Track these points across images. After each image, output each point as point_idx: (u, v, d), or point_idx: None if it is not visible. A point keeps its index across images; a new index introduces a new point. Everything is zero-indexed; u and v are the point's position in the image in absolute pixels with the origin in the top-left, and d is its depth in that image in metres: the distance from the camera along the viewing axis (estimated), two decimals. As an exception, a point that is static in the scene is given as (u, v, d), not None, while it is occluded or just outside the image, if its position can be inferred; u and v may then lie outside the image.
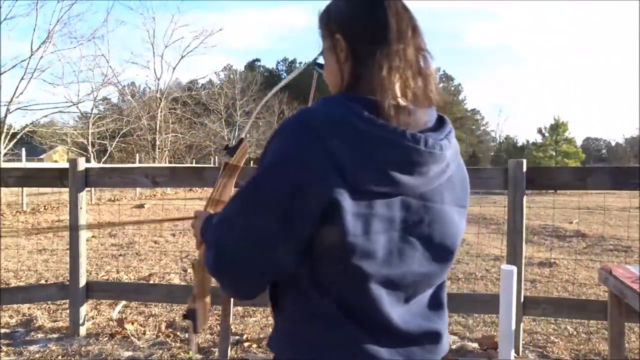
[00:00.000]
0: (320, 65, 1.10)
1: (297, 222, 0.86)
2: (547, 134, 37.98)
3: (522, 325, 3.47)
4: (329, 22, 1.01)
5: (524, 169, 3.34)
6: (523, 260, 3.43)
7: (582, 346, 3.56)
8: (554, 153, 36.08)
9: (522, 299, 3.36)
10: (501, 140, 62.46)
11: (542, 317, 3.86)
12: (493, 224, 10.18)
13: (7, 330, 3.82)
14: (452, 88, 59.91)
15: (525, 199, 3.37)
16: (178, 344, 3.54)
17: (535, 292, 4.95)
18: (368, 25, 0.95)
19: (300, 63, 72.56)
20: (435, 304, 1.01)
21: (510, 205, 3.39)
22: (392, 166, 0.86)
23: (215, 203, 1.28)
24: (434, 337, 0.98)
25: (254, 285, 0.95)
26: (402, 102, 0.91)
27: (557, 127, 36.74)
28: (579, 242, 8.25)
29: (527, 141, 47.59)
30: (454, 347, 3.49)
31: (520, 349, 3.40)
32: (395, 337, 0.93)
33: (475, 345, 3.52)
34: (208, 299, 1.27)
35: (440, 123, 0.98)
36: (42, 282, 5.28)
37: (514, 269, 2.35)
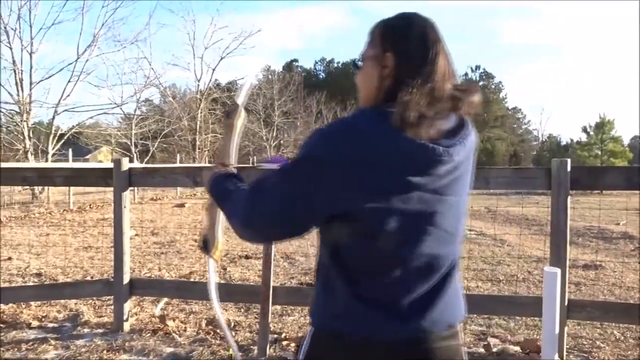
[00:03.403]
0: (356, 66, 1.18)
1: (318, 206, 1.04)
2: (592, 133, 36.77)
3: (566, 329, 3.38)
4: (384, 38, 1.12)
5: (568, 169, 3.25)
6: (567, 263, 3.33)
7: (629, 352, 3.43)
8: (599, 152, 34.92)
9: (566, 302, 3.27)
10: (544, 139, 60.78)
11: (588, 321, 3.75)
12: (535, 225, 9.94)
13: (55, 325, 3.97)
14: (492, 86, 58.75)
15: (569, 199, 3.27)
16: (218, 341, 3.60)
17: (580, 295, 4.81)
18: (420, 62, 1.07)
19: (338, 63, 72.27)
20: (444, 283, 1.13)
21: (553, 205, 3.30)
22: (409, 172, 1.02)
23: (219, 161, 1.52)
24: (439, 312, 1.10)
25: (272, 237, 1.27)
26: (428, 113, 1.02)
27: (602, 126, 35.53)
28: (626, 244, 7.96)
29: (571, 140, 46.16)
30: (494, 350, 3.42)
31: (564, 353, 3.31)
32: (402, 312, 1.06)
33: (517, 348, 3.44)
34: (217, 228, 1.53)
35: (460, 126, 1.11)
36: (88, 278, 5.46)
37: (558, 271, 2.28)
